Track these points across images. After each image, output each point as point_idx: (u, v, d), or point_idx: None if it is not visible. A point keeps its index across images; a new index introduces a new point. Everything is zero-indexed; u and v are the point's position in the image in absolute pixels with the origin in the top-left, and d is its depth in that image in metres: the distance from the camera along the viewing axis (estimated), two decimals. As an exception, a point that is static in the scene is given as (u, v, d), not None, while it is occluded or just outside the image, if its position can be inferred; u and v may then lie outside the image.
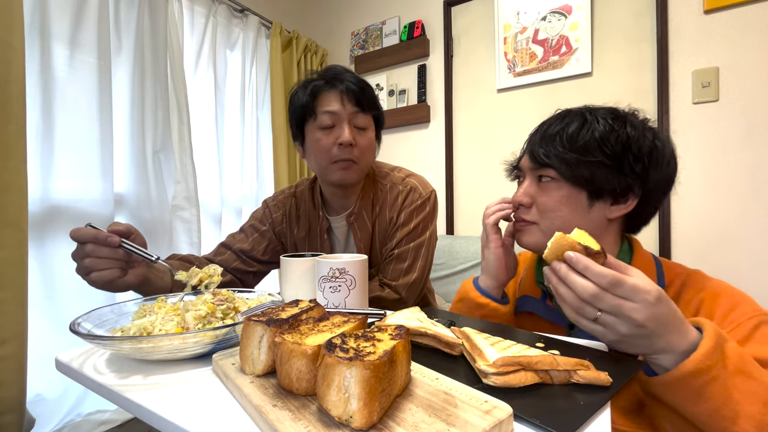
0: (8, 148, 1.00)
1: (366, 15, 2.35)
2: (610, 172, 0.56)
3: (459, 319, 0.59)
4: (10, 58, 1.01)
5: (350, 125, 0.84)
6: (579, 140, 0.57)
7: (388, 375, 0.30)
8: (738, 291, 0.55)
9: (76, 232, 0.61)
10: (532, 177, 0.63)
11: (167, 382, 0.42)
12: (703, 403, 0.41)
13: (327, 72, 0.88)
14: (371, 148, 0.90)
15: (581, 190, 0.58)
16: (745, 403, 0.40)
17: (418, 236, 0.90)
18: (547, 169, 0.60)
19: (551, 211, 0.60)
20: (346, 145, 0.83)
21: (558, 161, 0.58)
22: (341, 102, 0.84)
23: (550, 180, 0.60)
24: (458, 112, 2.05)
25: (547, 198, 0.60)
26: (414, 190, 0.93)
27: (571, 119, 0.60)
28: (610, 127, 0.57)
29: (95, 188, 1.33)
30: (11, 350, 1.00)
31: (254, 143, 2.06)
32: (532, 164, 0.62)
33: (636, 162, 0.56)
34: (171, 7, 1.58)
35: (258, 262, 0.98)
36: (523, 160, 0.65)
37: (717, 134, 1.49)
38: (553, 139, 0.59)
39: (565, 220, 0.59)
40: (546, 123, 0.64)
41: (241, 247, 0.97)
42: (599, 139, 0.56)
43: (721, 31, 1.47)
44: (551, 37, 1.78)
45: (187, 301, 0.56)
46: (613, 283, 0.42)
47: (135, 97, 1.47)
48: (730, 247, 1.47)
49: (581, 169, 0.57)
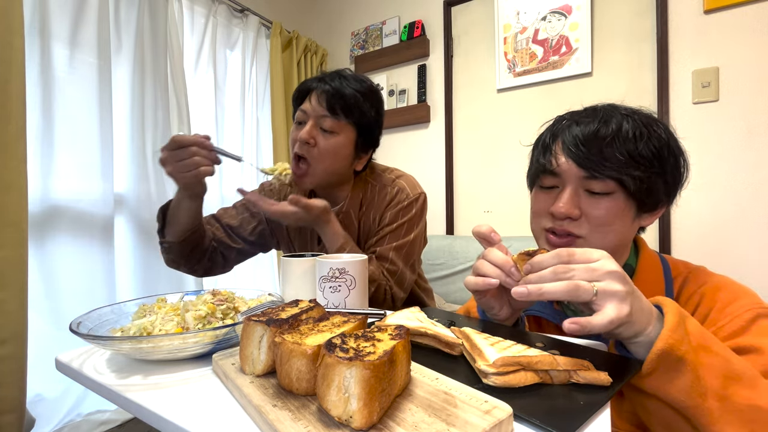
0: (8, 148, 1.00)
1: (366, 15, 2.35)
2: (659, 179, 0.55)
3: (459, 319, 0.59)
4: (10, 58, 1.01)
5: (316, 125, 0.85)
6: (640, 151, 0.53)
7: (388, 375, 0.30)
8: (740, 285, 0.55)
9: (179, 137, 0.74)
10: (578, 186, 0.56)
11: (167, 382, 0.41)
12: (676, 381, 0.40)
13: (329, 72, 0.89)
14: (334, 154, 0.86)
15: (633, 202, 0.55)
16: (709, 378, 0.40)
17: (400, 237, 0.90)
18: (606, 182, 0.54)
19: (606, 226, 0.55)
20: (302, 142, 0.85)
21: (624, 173, 0.53)
22: (313, 101, 0.85)
23: (603, 194, 0.55)
24: (458, 112, 2.05)
25: (600, 212, 0.55)
26: (401, 190, 0.92)
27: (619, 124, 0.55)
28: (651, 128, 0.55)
29: (95, 188, 1.33)
30: (11, 350, 1.00)
31: (254, 143, 2.06)
32: (584, 173, 0.54)
33: (675, 168, 0.56)
34: (171, 7, 1.58)
35: (243, 241, 0.99)
36: (563, 163, 0.56)
37: (717, 134, 1.49)
38: (610, 146, 0.53)
39: (617, 233, 0.56)
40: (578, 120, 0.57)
41: (230, 222, 0.98)
42: (656, 150, 0.53)
43: (721, 31, 1.47)
44: (551, 37, 1.78)
45: (186, 301, 0.56)
46: (565, 255, 0.43)
47: (135, 97, 1.47)
48: (729, 247, 1.47)
49: (644, 183, 0.53)
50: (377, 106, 0.91)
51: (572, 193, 0.56)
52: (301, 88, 0.90)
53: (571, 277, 0.41)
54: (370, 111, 0.88)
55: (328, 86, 0.85)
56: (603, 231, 0.55)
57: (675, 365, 0.40)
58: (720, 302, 0.53)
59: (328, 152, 0.86)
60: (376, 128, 0.92)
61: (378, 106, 0.91)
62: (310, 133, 0.84)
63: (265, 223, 1.01)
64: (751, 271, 1.43)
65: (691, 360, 0.40)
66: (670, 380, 0.41)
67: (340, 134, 0.86)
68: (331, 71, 0.90)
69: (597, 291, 0.40)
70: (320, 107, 0.84)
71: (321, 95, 0.85)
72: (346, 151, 0.88)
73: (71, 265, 1.27)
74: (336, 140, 0.86)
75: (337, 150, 0.87)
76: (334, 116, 0.84)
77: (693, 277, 0.57)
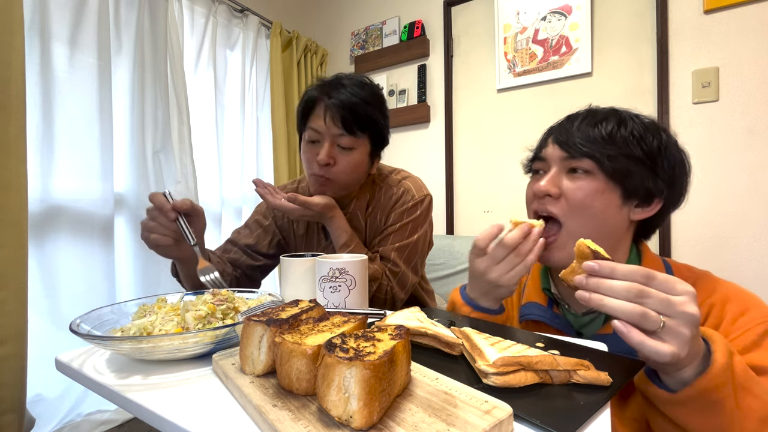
0: (8, 148, 1.00)
1: (366, 15, 2.35)
2: (647, 170, 0.56)
3: (459, 319, 0.59)
4: (10, 58, 1.01)
5: (332, 144, 0.84)
6: (619, 134, 0.55)
7: (388, 375, 0.30)
8: (748, 294, 0.54)
9: (153, 195, 0.71)
10: (560, 168, 0.59)
11: (167, 382, 0.41)
12: (709, 420, 0.39)
13: (328, 80, 0.87)
14: (354, 169, 0.87)
15: (616, 186, 0.55)
16: (746, 420, 0.39)
17: (404, 238, 0.89)
18: (582, 160, 0.56)
19: (583, 207, 0.56)
20: (322, 164, 0.84)
21: (599, 152, 0.54)
22: (326, 120, 0.83)
23: (583, 172, 0.56)
24: (458, 112, 2.05)
25: (579, 191, 0.56)
26: (407, 192, 0.92)
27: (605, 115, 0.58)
28: (646, 127, 0.57)
29: (95, 188, 1.33)
30: (11, 350, 1.00)
31: (254, 143, 2.06)
32: (564, 153, 0.57)
33: (669, 167, 0.56)
34: (171, 7, 1.58)
35: (263, 256, 0.99)
36: (549, 149, 0.60)
37: (717, 134, 1.48)
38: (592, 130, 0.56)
39: (597, 217, 0.56)
40: (574, 117, 0.61)
41: (247, 242, 0.98)
42: (639, 136, 0.55)
43: (721, 31, 1.47)
44: (551, 37, 1.78)
45: (187, 301, 0.56)
46: (647, 276, 0.38)
47: (135, 97, 1.47)
48: (730, 248, 1.47)
49: (620, 162, 0.54)
50: (383, 108, 0.90)
51: (554, 173, 0.59)
52: (306, 99, 0.87)
53: (643, 303, 0.37)
54: (380, 118, 0.88)
55: (336, 100, 0.82)
56: (583, 213, 0.56)
57: (712, 405, 0.39)
58: (730, 314, 0.52)
59: (348, 169, 0.86)
60: (386, 131, 0.92)
61: (384, 109, 0.91)
62: (329, 154, 0.83)
63: (279, 234, 1.01)
64: (752, 272, 1.43)
65: (730, 402, 0.38)
66: (703, 417, 0.39)
67: (357, 149, 0.86)
68: (330, 79, 0.88)
69: (664, 325, 0.37)
70: (336, 127, 0.83)
71: (334, 113, 0.82)
72: (364, 163, 0.89)
73: (71, 265, 1.27)
74: (354, 156, 0.86)
75: (356, 165, 0.87)
76: (350, 134, 0.84)
77: (700, 285, 0.55)
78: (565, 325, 0.62)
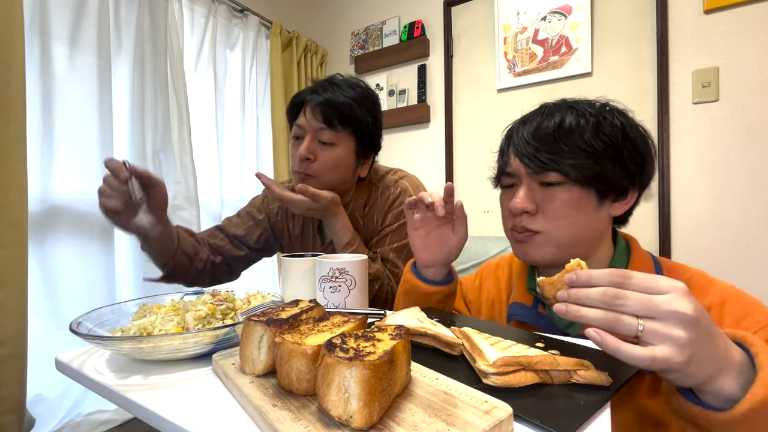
0: (8, 148, 1.01)
1: (366, 15, 2.35)
2: (615, 165, 0.55)
3: (459, 319, 0.59)
4: (10, 58, 1.01)
5: (313, 139, 0.84)
6: (578, 135, 0.54)
7: (388, 375, 0.30)
8: (744, 294, 0.53)
9: (109, 160, 0.69)
10: (531, 182, 0.58)
11: (167, 382, 0.41)
12: None
13: (321, 81, 0.88)
14: (335, 165, 0.86)
15: (590, 190, 0.55)
16: None
17: (402, 238, 0.89)
18: (550, 174, 0.55)
19: (561, 218, 0.55)
20: (302, 159, 0.84)
21: (564, 164, 0.53)
22: (308, 115, 0.84)
23: (555, 185, 0.55)
24: (458, 112, 2.05)
25: (555, 204, 0.55)
26: (404, 192, 0.92)
27: (558, 112, 0.56)
28: (600, 112, 0.55)
29: (95, 188, 1.32)
30: (11, 350, 1.00)
31: (254, 143, 2.06)
32: (531, 169, 0.56)
33: (635, 153, 0.55)
34: (171, 7, 1.58)
35: (248, 248, 1.00)
36: (515, 165, 0.59)
37: (717, 134, 1.49)
38: (551, 139, 0.55)
39: (577, 224, 0.55)
40: (527, 120, 0.59)
41: (235, 232, 0.99)
42: (595, 128, 0.54)
43: (721, 31, 1.47)
44: (551, 37, 1.78)
45: (187, 301, 0.56)
46: (623, 276, 0.35)
47: (135, 97, 1.47)
48: (730, 247, 1.47)
49: (589, 167, 0.53)
50: (374, 110, 0.89)
51: (526, 188, 0.57)
52: (294, 101, 0.88)
53: (620, 306, 0.34)
54: (366, 117, 0.86)
55: (321, 97, 0.83)
56: (560, 224, 0.56)
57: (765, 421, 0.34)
58: (729, 317, 0.50)
59: (329, 165, 0.85)
60: (375, 133, 0.90)
61: (375, 111, 0.89)
62: (309, 148, 0.83)
63: (270, 230, 1.01)
64: (752, 272, 1.43)
65: None
66: None
67: (339, 145, 0.85)
68: (322, 80, 0.88)
69: (644, 329, 0.33)
70: (315, 120, 0.83)
71: (315, 108, 0.83)
72: (348, 161, 0.87)
73: (71, 265, 1.27)
74: (336, 152, 0.85)
75: (338, 161, 0.86)
76: (331, 128, 0.83)
77: (693, 285, 0.53)
78: (549, 325, 0.61)
